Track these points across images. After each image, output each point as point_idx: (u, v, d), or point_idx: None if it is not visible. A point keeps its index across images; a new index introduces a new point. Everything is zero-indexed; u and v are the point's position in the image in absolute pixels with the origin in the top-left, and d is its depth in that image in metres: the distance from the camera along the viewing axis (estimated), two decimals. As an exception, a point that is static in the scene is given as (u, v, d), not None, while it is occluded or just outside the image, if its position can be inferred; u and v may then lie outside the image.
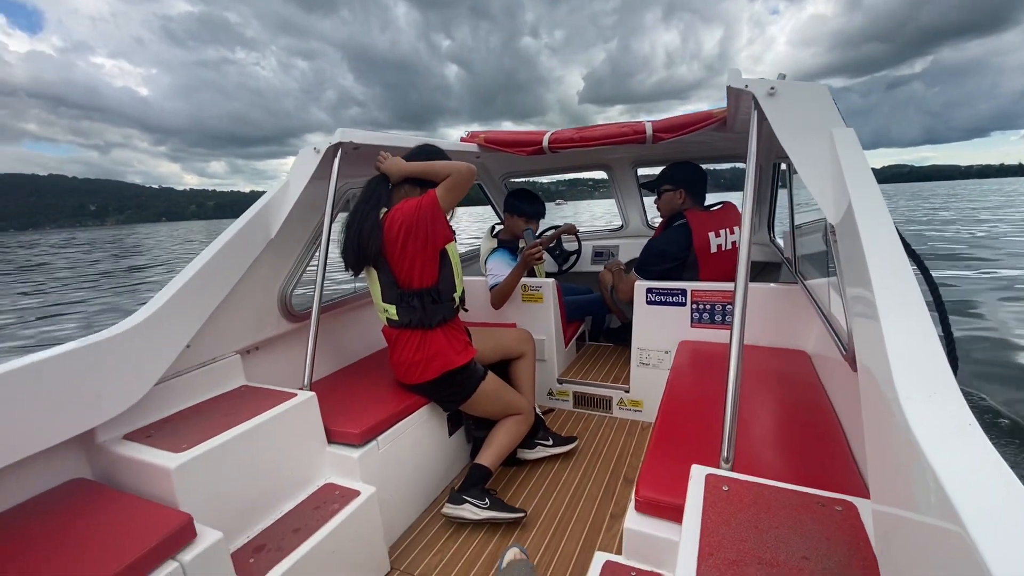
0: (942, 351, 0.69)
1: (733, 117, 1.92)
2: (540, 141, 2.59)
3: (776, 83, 1.23)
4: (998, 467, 0.51)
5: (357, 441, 1.66)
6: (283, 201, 1.82)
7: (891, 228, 0.92)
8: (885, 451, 0.75)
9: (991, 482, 0.50)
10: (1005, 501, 0.47)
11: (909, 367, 0.68)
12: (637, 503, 1.19)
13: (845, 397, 1.48)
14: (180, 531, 1.12)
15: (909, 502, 0.64)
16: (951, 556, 0.49)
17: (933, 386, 0.64)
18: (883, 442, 0.75)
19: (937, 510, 0.51)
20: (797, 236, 2.34)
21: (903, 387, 0.65)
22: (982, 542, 0.43)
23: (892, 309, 0.78)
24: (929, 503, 0.54)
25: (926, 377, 0.66)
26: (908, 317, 0.76)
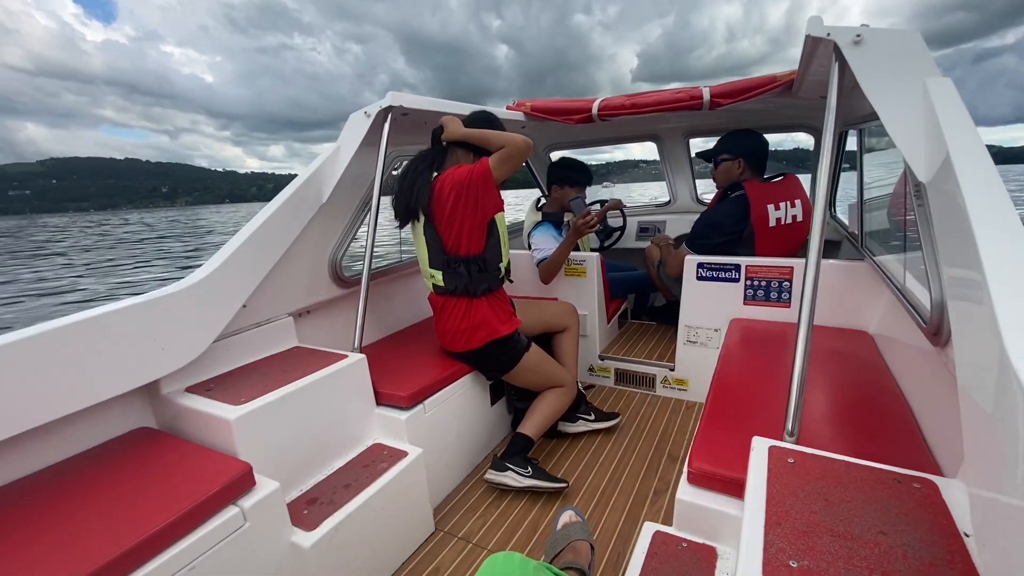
0: None
1: (802, 78, 1.78)
2: (589, 109, 2.51)
3: (862, 30, 1.13)
4: None
5: (404, 404, 1.69)
6: (334, 166, 1.84)
7: (997, 180, 0.82)
8: (987, 427, 0.68)
9: None
10: None
11: (1019, 319, 0.61)
12: (690, 475, 1.15)
13: (917, 376, 1.38)
14: (241, 479, 1.16)
15: (1016, 475, 0.58)
16: None
17: None
18: (986, 418, 0.69)
19: None
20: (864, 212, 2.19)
21: (1017, 353, 0.59)
22: None
23: (1001, 267, 0.70)
24: None
25: None
26: (1018, 268, 0.68)
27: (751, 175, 2.33)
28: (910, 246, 1.48)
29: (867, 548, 0.70)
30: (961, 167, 0.86)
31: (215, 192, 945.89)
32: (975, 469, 0.77)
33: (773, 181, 2.32)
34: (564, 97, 2.86)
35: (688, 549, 1.08)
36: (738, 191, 2.27)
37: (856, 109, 1.84)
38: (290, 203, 1.73)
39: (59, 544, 0.95)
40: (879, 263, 1.80)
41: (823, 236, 1.13)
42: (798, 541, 0.72)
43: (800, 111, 2.62)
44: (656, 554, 1.07)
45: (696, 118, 2.99)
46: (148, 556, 0.98)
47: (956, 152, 0.89)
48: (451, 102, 2.01)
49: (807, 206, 2.27)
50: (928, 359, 1.27)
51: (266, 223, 1.66)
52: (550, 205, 2.82)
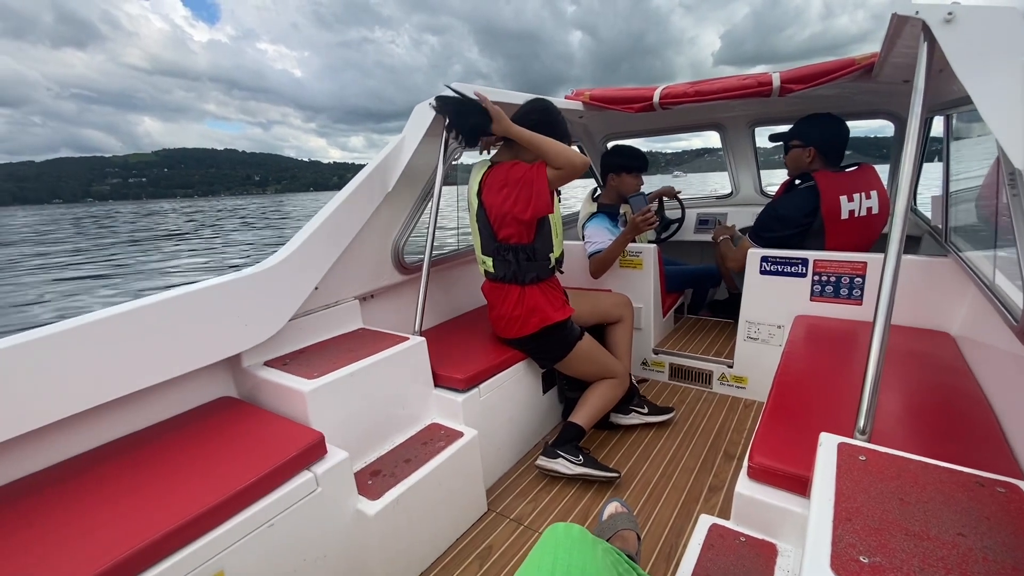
0: None
1: (884, 61, 1.67)
2: (650, 97, 2.46)
3: (954, 8, 1.05)
4: None
5: (461, 387, 1.75)
6: (399, 156, 1.91)
7: None
8: None
9: None
10: None
11: None
12: (750, 469, 1.13)
13: (1004, 379, 1.29)
14: (314, 446, 1.26)
15: None
16: None
17: None
18: None
19: None
20: (950, 205, 2.03)
21: None
22: None
23: None
24: None
25: None
26: None
27: (823, 165, 2.19)
28: (1001, 240, 1.37)
29: (944, 549, 0.68)
30: None
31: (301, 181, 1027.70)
32: None
33: (848, 171, 2.17)
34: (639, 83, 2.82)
35: (747, 544, 1.06)
36: (808, 182, 2.14)
37: (944, 94, 1.71)
38: (359, 192, 1.82)
39: (150, 499, 1.07)
40: (965, 259, 1.67)
41: (904, 229, 1.07)
42: (869, 538, 0.70)
43: (880, 96, 2.46)
44: (712, 546, 1.06)
45: (763, 105, 2.86)
46: (232, 512, 1.08)
47: None
48: (512, 92, 2.03)
49: (884, 198, 2.12)
50: (1017, 360, 1.18)
51: (337, 211, 1.75)
52: (606, 196, 2.79)
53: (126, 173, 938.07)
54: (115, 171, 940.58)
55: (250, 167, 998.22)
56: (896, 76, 1.84)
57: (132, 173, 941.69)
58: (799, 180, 2.22)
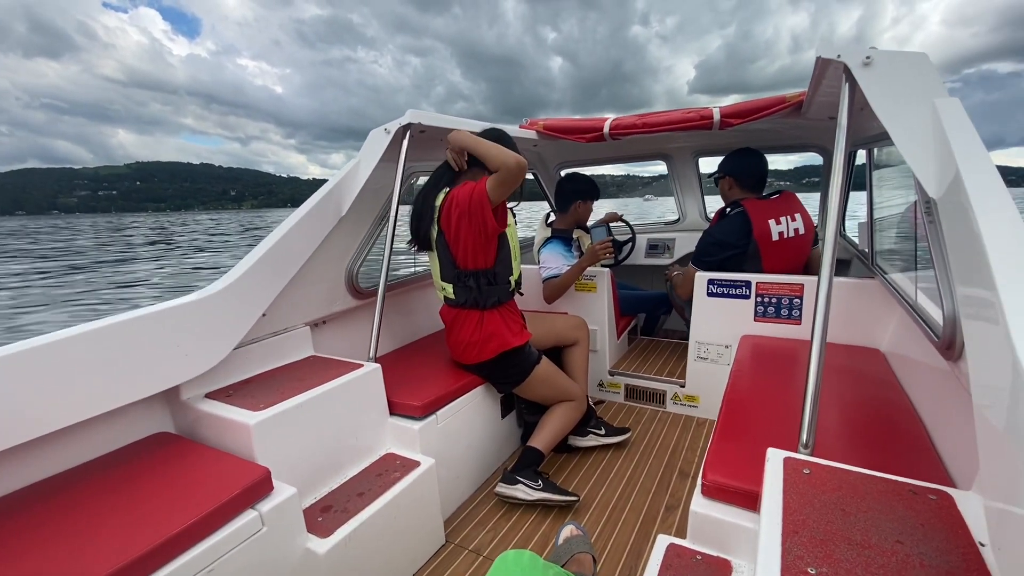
0: None
1: (811, 99, 1.82)
2: (601, 128, 2.56)
3: (872, 52, 1.16)
4: None
5: (418, 414, 1.71)
6: (354, 180, 1.89)
7: (1005, 195, 0.85)
8: (1002, 442, 0.69)
9: None
10: None
11: None
12: (704, 487, 1.16)
13: (929, 392, 1.39)
14: (259, 483, 1.18)
15: None
16: None
17: None
18: (1000, 433, 0.70)
19: None
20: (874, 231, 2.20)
21: None
22: None
23: (1010, 275, 0.72)
24: None
25: None
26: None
27: (745, 193, 2.39)
28: (921, 264, 1.50)
29: (884, 556, 0.71)
30: (971, 184, 0.89)
31: (278, 196, 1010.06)
32: (990, 481, 0.78)
33: (772, 198, 2.36)
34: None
35: (703, 562, 1.08)
36: (737, 208, 2.32)
37: (865, 129, 1.87)
38: (310, 216, 1.78)
39: (78, 546, 0.97)
40: (891, 281, 1.81)
41: (835, 253, 1.15)
42: (816, 549, 0.73)
43: (809, 131, 2.66)
44: (670, 566, 1.07)
45: (706, 137, 3.04)
46: (167, 558, 1.00)
47: (966, 169, 0.92)
48: (468, 120, 2.07)
49: (807, 220, 2.32)
50: (940, 374, 1.28)
51: (287, 235, 1.70)
52: (562, 221, 2.85)
53: (96, 185, 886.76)
54: (84, 183, 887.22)
55: (227, 182, 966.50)
56: (822, 113, 2.01)
57: (103, 185, 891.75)
58: (730, 208, 2.39)
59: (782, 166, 5.29)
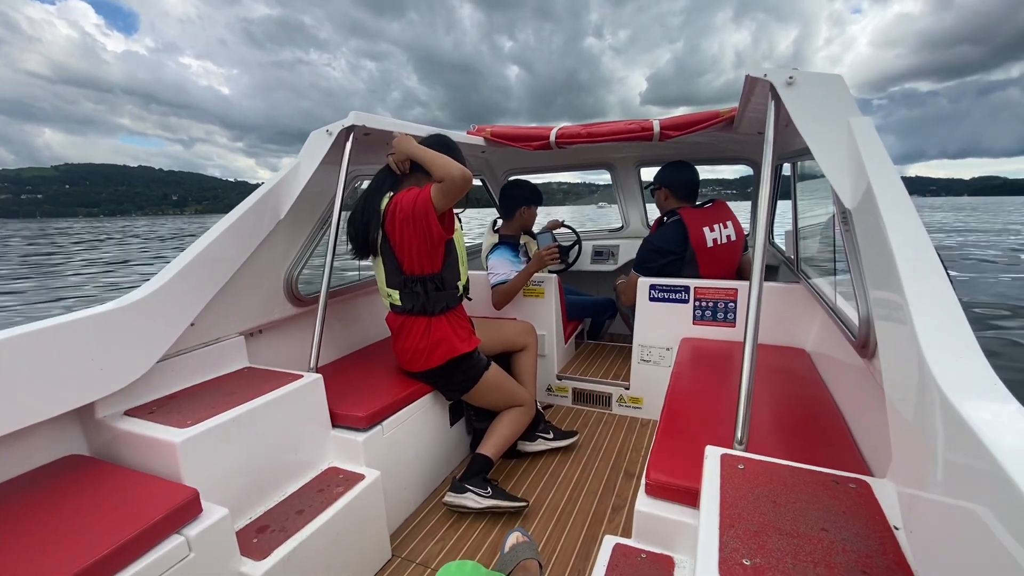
0: (964, 317, 0.70)
1: (741, 116, 1.94)
2: (547, 136, 2.60)
3: (794, 72, 1.25)
4: None
5: (362, 425, 1.65)
6: (293, 183, 1.81)
7: (910, 206, 0.94)
8: (911, 433, 0.76)
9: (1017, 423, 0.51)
10: None
11: (937, 335, 0.69)
12: (647, 486, 1.19)
13: (848, 388, 1.50)
14: (186, 505, 1.10)
15: (936, 473, 0.65)
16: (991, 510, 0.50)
17: (959, 349, 0.65)
18: (909, 425, 0.76)
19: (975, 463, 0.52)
20: (799, 239, 2.37)
21: (935, 368, 0.66)
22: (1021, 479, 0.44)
23: (916, 279, 0.79)
24: (966, 462, 0.55)
25: (952, 341, 0.67)
26: (932, 286, 0.77)
27: (680, 203, 2.52)
28: (839, 269, 1.62)
29: (811, 544, 0.76)
30: (881, 196, 0.97)
31: (224, 201, 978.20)
32: (901, 470, 0.85)
33: (706, 207, 2.51)
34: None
35: (647, 560, 1.10)
36: (674, 217, 2.45)
37: (790, 144, 2.01)
38: (245, 220, 1.69)
39: None
40: (814, 285, 1.94)
41: (764, 259, 1.23)
42: (750, 541, 0.76)
43: (741, 145, 2.83)
44: (617, 566, 1.09)
45: (647, 148, 3.17)
46: None
47: (876, 182, 1.00)
48: (413, 124, 2.04)
49: (738, 227, 2.48)
50: (857, 371, 1.39)
51: (218, 239, 1.60)
52: (509, 227, 2.87)
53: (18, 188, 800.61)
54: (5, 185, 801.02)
55: (168, 186, 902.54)
56: (752, 128, 2.14)
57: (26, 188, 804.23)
58: (667, 216, 2.52)
59: (729, 175, 5.66)
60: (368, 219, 1.78)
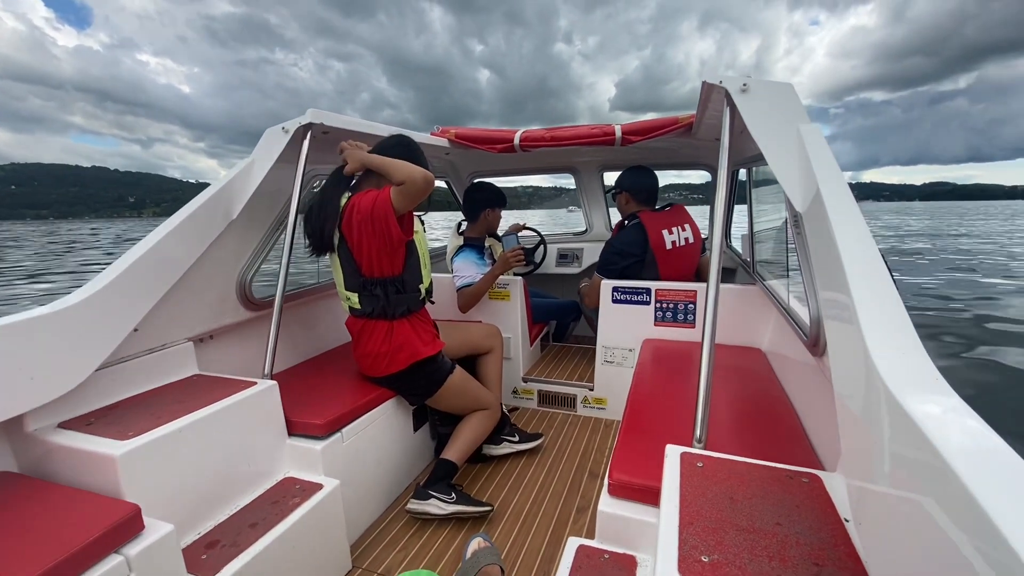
0: (907, 315, 0.73)
1: (699, 122, 1.99)
2: (511, 139, 2.60)
3: (748, 80, 1.29)
4: (970, 414, 0.55)
5: (320, 432, 1.60)
6: (246, 181, 1.74)
7: (856, 210, 0.98)
8: (859, 428, 0.79)
9: (964, 425, 0.53)
10: (977, 442, 0.51)
11: (881, 333, 0.72)
12: (610, 487, 1.19)
13: (801, 385, 1.55)
14: (126, 523, 1.03)
15: (882, 466, 0.67)
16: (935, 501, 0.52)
17: (903, 346, 0.68)
18: (857, 420, 0.79)
19: (918, 456, 0.54)
20: (754, 242, 2.45)
21: (881, 366, 0.69)
22: (966, 475, 0.46)
23: (862, 280, 0.82)
24: (910, 456, 0.57)
25: (896, 339, 0.70)
26: (877, 287, 0.80)
27: (640, 206, 2.59)
28: (792, 271, 1.68)
29: (767, 538, 0.77)
30: (829, 200, 1.01)
31: (184, 203, 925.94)
32: (850, 463, 0.88)
33: (665, 210, 2.58)
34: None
35: (610, 560, 1.11)
36: (634, 220, 2.52)
37: (745, 151, 2.08)
38: (193, 219, 1.61)
39: None
40: (768, 287, 2.01)
41: (720, 262, 1.26)
42: (709, 538, 0.78)
43: (699, 151, 2.91)
44: (580, 567, 1.09)
45: (610, 153, 3.22)
46: None
47: (825, 187, 1.05)
48: (375, 123, 2.00)
49: (695, 229, 2.57)
50: (810, 369, 1.44)
51: (164, 240, 1.52)
52: (474, 230, 2.85)
53: None
54: None
55: (124, 187, 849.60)
56: (709, 134, 2.20)
57: None
58: (627, 220, 2.59)
59: (696, 180, 5.93)
60: (325, 217, 1.72)
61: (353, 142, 1.78)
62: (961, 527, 0.47)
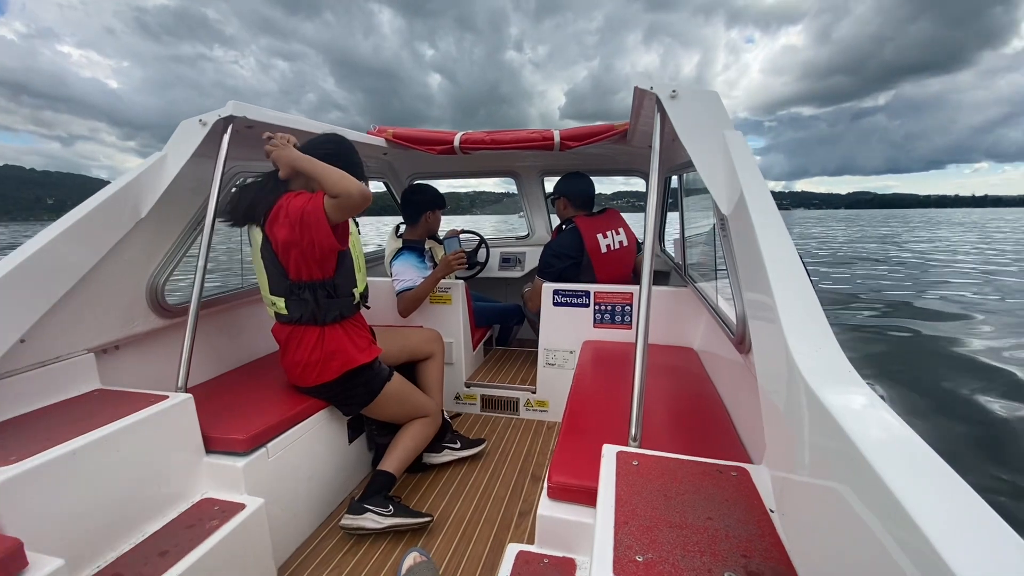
0: (823, 313, 0.77)
1: (634, 129, 2.05)
2: (451, 140, 2.57)
3: (677, 87, 1.34)
4: (880, 405, 0.58)
5: (242, 448, 1.48)
6: (158, 177, 1.60)
7: (777, 213, 1.03)
8: (781, 421, 0.82)
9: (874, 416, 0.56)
10: (887, 431, 0.53)
11: (799, 329, 0.75)
12: (549, 490, 1.18)
13: (730, 382, 1.62)
14: (4, 560, 0.90)
15: (803, 457, 0.70)
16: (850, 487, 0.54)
17: (820, 342, 0.71)
18: (779, 413, 0.82)
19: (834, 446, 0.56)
20: (686, 246, 2.56)
21: (801, 362, 0.72)
22: (877, 462, 0.48)
23: (782, 280, 0.86)
24: (828, 445, 0.59)
25: (814, 336, 0.73)
26: (795, 286, 0.84)
27: (577, 211, 2.66)
28: (721, 274, 1.76)
29: (698, 534, 0.79)
30: (752, 204, 1.06)
31: None
32: (774, 456, 0.92)
33: (598, 215, 2.66)
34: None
35: (549, 564, 1.10)
36: (570, 224, 2.58)
37: (677, 158, 2.16)
38: (93, 218, 1.45)
39: None
40: (699, 289, 2.10)
41: (652, 266, 1.29)
42: (643, 536, 0.78)
43: (634, 157, 3.00)
44: (519, 575, 1.07)
45: (550, 158, 3.25)
46: None
47: (748, 191, 1.09)
48: (304, 119, 1.89)
49: (629, 233, 2.66)
50: (737, 366, 1.51)
51: (56, 241, 1.36)
52: (414, 232, 2.78)
53: None
54: None
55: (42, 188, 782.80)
56: (643, 142, 2.27)
57: None
58: (565, 224, 2.65)
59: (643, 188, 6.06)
60: (257, 199, 1.60)
61: (281, 136, 1.64)
62: (874, 510, 0.49)
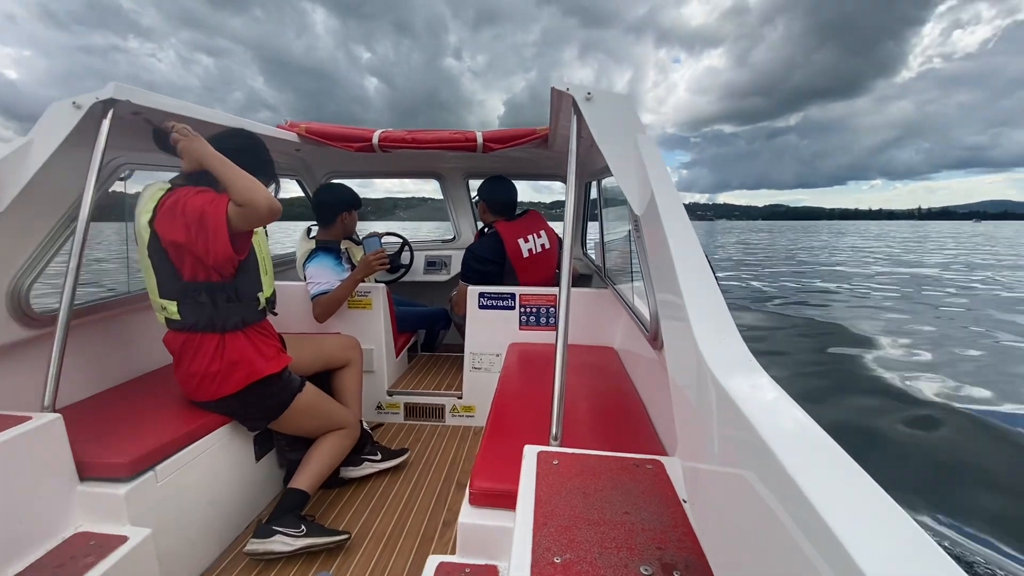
0: (727, 308, 0.81)
1: (554, 132, 2.08)
2: (369, 138, 2.47)
3: (592, 89, 1.37)
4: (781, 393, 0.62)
5: (125, 473, 1.31)
6: (21, 167, 1.38)
7: (684, 213, 1.08)
8: (691, 413, 0.85)
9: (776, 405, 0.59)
10: (781, 413, 0.57)
11: (706, 324, 0.78)
12: (472, 496, 1.15)
13: (646, 378, 1.69)
14: None
15: (712, 447, 0.73)
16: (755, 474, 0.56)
17: (724, 336, 0.75)
18: (690, 406, 0.86)
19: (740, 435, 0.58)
20: (606, 250, 2.65)
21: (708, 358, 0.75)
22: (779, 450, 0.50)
23: (690, 279, 0.90)
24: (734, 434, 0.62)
25: (719, 329, 0.76)
26: (702, 284, 0.89)
27: (497, 216, 2.68)
28: (637, 275, 1.83)
29: (616, 529, 0.79)
30: (662, 205, 1.10)
31: None
32: (685, 447, 0.95)
33: (520, 219, 2.68)
34: None
35: (471, 574, 1.06)
36: (492, 229, 2.60)
37: (596, 164, 2.23)
38: None
39: None
40: (618, 290, 2.17)
41: (571, 268, 1.31)
42: (562, 537, 0.77)
43: (555, 162, 3.07)
44: None
45: (474, 160, 3.23)
46: None
47: (658, 192, 1.14)
48: (204, 108, 1.73)
49: (552, 235, 2.71)
50: (652, 363, 1.57)
51: None
52: (329, 233, 2.63)
53: None
54: None
55: None
56: (564, 146, 2.32)
57: None
58: (487, 228, 2.67)
59: None
60: None
61: (187, 129, 1.48)
62: (776, 494, 0.51)
